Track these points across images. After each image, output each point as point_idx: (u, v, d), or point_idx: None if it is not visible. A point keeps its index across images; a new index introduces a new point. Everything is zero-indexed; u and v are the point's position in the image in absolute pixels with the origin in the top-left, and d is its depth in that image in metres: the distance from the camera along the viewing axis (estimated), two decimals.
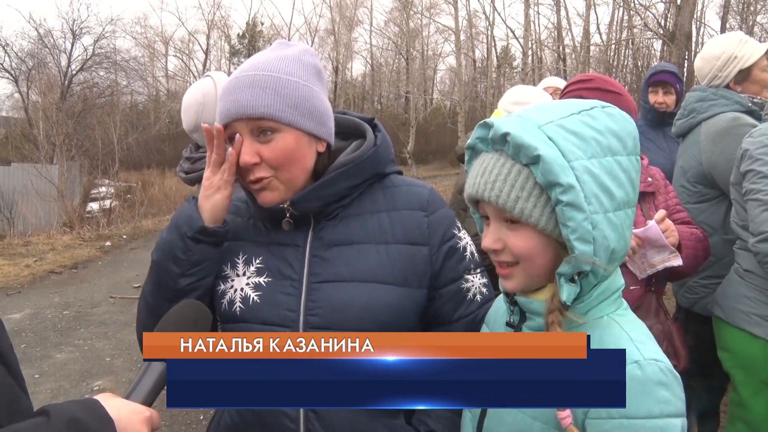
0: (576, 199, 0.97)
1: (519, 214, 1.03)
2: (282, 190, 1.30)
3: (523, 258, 1.07)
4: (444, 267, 1.36)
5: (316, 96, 1.31)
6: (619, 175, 1.03)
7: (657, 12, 17.56)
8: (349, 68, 41.13)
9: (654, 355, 1.00)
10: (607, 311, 1.08)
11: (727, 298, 2.26)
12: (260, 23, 42.15)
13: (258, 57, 1.32)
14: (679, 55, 11.05)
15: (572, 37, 25.81)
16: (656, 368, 0.98)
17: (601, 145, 1.02)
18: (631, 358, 0.98)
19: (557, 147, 1.00)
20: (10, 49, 29.05)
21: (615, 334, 1.04)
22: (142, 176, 25.36)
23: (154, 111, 38.15)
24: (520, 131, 1.01)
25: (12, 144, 24.93)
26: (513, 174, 1.03)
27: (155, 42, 41.09)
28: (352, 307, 1.27)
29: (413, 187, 1.41)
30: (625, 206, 1.04)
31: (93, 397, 0.94)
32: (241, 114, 1.24)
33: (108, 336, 6.54)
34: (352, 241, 1.33)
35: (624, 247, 1.06)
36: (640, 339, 1.03)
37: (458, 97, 20.93)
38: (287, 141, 1.26)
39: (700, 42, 24.64)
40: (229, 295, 1.34)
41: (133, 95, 36.49)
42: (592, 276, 1.03)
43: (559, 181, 0.97)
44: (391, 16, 36.61)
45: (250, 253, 1.36)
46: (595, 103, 1.08)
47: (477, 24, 29.18)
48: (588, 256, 0.99)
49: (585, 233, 0.98)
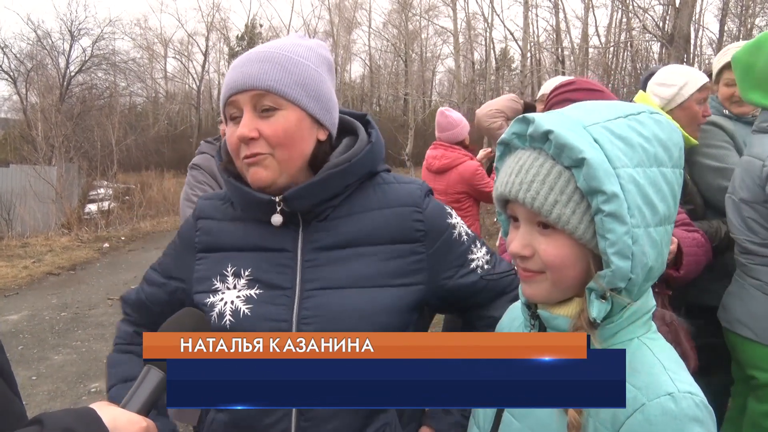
0: (619, 210, 0.90)
1: (555, 219, 0.94)
2: (275, 170, 1.25)
3: (552, 267, 0.98)
4: (447, 258, 1.35)
5: (324, 82, 1.29)
6: (663, 188, 0.95)
7: (655, 14, 17.62)
8: (348, 70, 41.14)
9: (689, 388, 0.92)
10: (637, 333, 1.00)
11: (757, 318, 2.22)
12: (259, 25, 42.12)
13: (272, 41, 1.31)
14: (677, 58, 11.06)
15: (571, 40, 25.83)
16: (691, 402, 0.90)
17: (647, 153, 0.94)
18: (665, 389, 0.90)
19: (603, 151, 0.91)
20: (9, 51, 29.07)
21: (648, 361, 0.95)
22: (141, 178, 25.34)
23: (153, 113, 38.12)
24: (565, 130, 0.93)
25: (10, 145, 24.87)
26: (553, 176, 0.94)
27: (154, 43, 41.09)
28: (349, 313, 1.24)
29: (404, 185, 1.38)
30: (665, 222, 0.96)
31: (89, 406, 0.91)
32: (246, 85, 1.21)
33: (106, 338, 6.51)
34: (345, 244, 1.29)
35: (661, 266, 0.98)
36: (673, 368, 0.95)
37: (457, 99, 20.93)
38: (289, 119, 1.23)
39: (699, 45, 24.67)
40: (218, 308, 1.29)
41: (132, 97, 36.45)
42: (626, 294, 0.95)
43: (603, 188, 0.89)
44: (389, 18, 36.64)
45: (239, 265, 1.32)
46: (642, 107, 1.00)
47: (476, 26, 29.22)
48: (625, 272, 0.92)
49: (624, 248, 0.90)
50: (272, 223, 1.29)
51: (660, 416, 0.88)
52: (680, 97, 2.62)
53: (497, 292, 1.42)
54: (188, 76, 40.57)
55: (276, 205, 1.27)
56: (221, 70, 40.99)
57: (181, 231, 1.44)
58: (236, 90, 1.23)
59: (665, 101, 2.62)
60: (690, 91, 2.61)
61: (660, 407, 0.89)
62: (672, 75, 2.70)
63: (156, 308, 1.43)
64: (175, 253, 1.43)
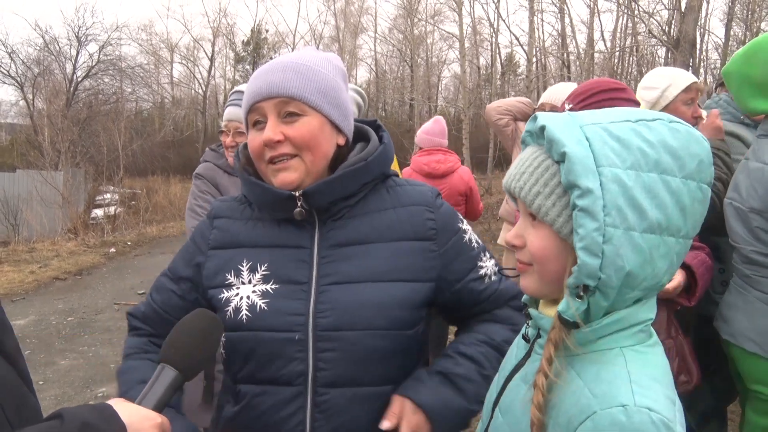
0: (591, 206, 0.89)
1: (537, 210, 0.97)
2: (302, 172, 1.30)
3: (536, 259, 1.00)
4: (456, 261, 1.39)
5: (342, 91, 1.36)
6: (661, 196, 0.92)
7: (661, 19, 17.61)
8: (354, 75, 41.25)
9: (649, 404, 0.87)
10: (622, 344, 0.96)
11: (764, 333, 2.15)
12: (265, 30, 42.30)
13: (291, 53, 1.37)
14: (683, 63, 11.04)
15: (576, 45, 25.86)
16: (646, 418, 0.85)
17: (647, 157, 0.92)
18: (619, 400, 0.87)
19: (591, 149, 0.92)
20: (16, 56, 29.27)
21: (614, 371, 0.92)
22: (147, 183, 25.47)
23: (159, 118, 38.30)
24: (557, 126, 0.96)
25: (17, 151, 25.05)
26: (541, 168, 0.98)
27: (160, 49, 41.32)
28: (365, 306, 1.28)
29: (416, 186, 1.45)
30: (661, 232, 0.92)
31: (106, 402, 0.95)
32: (271, 93, 1.28)
33: (112, 342, 6.53)
34: (360, 241, 1.34)
35: (651, 277, 0.94)
36: (642, 382, 0.90)
37: (462, 104, 20.94)
38: (312, 124, 1.29)
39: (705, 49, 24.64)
40: (234, 303, 1.32)
41: (138, 102, 36.64)
42: (600, 296, 0.92)
43: (578, 183, 0.90)
44: (395, 23, 36.75)
45: (255, 260, 1.35)
46: (662, 115, 0.97)
47: (481, 31, 29.26)
48: (591, 269, 0.90)
49: (592, 244, 0.89)
50: (294, 216, 1.33)
51: (608, 426, 0.86)
52: (665, 100, 2.60)
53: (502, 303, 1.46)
54: (194, 82, 40.80)
55: (296, 201, 1.31)
56: (227, 76, 41.17)
57: (195, 232, 1.47)
58: (261, 97, 1.29)
59: (650, 104, 2.60)
60: (674, 92, 2.59)
61: (610, 417, 0.87)
62: (655, 78, 2.68)
63: (170, 315, 1.41)
64: (186, 254, 1.46)
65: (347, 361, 1.27)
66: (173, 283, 1.43)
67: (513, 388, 1.09)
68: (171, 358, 1.06)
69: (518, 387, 1.07)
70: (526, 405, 0.99)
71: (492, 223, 13.53)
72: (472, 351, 1.37)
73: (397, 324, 1.30)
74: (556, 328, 0.96)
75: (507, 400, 1.09)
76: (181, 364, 1.06)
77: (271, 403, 1.30)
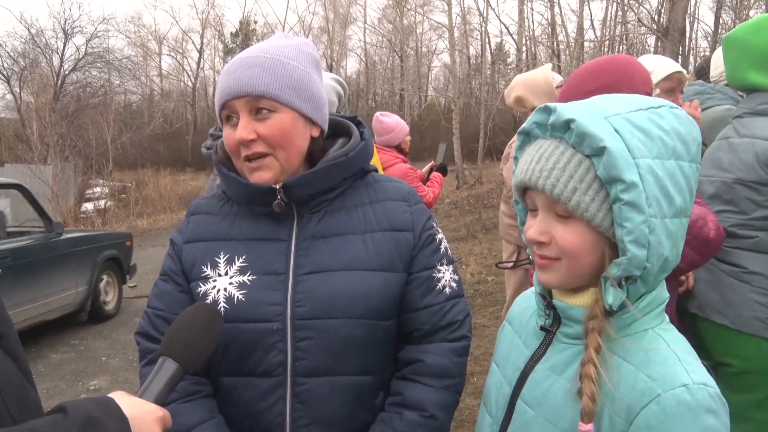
0: (637, 199, 0.91)
1: (575, 206, 0.96)
2: (277, 170, 1.30)
3: (569, 254, 1.00)
4: (420, 253, 1.38)
5: (314, 82, 1.34)
6: (680, 181, 0.96)
7: (650, 7, 17.64)
8: (344, 66, 41.15)
9: (703, 379, 0.92)
10: (652, 324, 1.01)
11: (734, 306, 2.18)
12: (254, 21, 42.19)
13: (260, 44, 1.35)
14: (672, 51, 11.07)
15: (566, 34, 25.90)
16: (706, 394, 0.91)
17: (666, 146, 0.95)
18: (680, 381, 0.91)
19: (623, 141, 0.93)
20: (2, 50, 28.98)
21: (663, 352, 0.96)
22: (137, 176, 25.37)
23: (148, 110, 38.11)
24: (586, 119, 0.95)
25: (5, 145, 24.85)
26: (573, 164, 0.96)
27: (149, 41, 41.08)
28: (341, 295, 1.28)
29: (394, 182, 1.46)
30: (681, 214, 0.97)
31: (108, 395, 0.95)
32: (240, 92, 1.26)
33: (103, 335, 6.53)
34: (337, 232, 1.34)
35: (675, 258, 0.99)
36: (688, 360, 0.96)
37: (453, 93, 20.93)
38: (284, 120, 1.28)
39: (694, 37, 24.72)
40: (212, 296, 1.31)
41: (127, 95, 36.42)
42: (641, 283, 0.97)
43: (623, 177, 0.91)
44: (384, 14, 36.65)
45: (232, 252, 1.35)
46: (662, 102, 1.01)
47: (471, 21, 29.22)
48: (641, 261, 0.93)
49: (641, 236, 0.92)
50: (273, 208, 1.32)
51: (675, 407, 0.89)
52: None
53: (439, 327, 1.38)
54: (183, 74, 40.62)
55: (276, 194, 1.31)
56: (216, 67, 41.00)
57: (173, 231, 1.47)
58: (231, 96, 1.27)
59: None
60: (655, 80, 2.58)
61: (675, 398, 0.89)
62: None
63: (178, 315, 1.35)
64: (170, 253, 1.44)
65: (324, 350, 1.28)
66: (170, 283, 1.41)
67: (540, 380, 1.07)
68: (171, 351, 1.06)
69: (548, 378, 1.06)
70: (569, 396, 0.99)
71: (482, 212, 13.59)
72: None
73: (373, 313, 1.30)
74: (598, 317, 0.98)
75: (536, 393, 1.07)
76: (181, 357, 1.06)
77: (251, 394, 1.30)
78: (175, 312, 1.34)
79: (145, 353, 1.37)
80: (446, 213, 14.65)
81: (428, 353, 1.36)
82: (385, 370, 1.38)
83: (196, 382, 1.34)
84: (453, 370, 1.36)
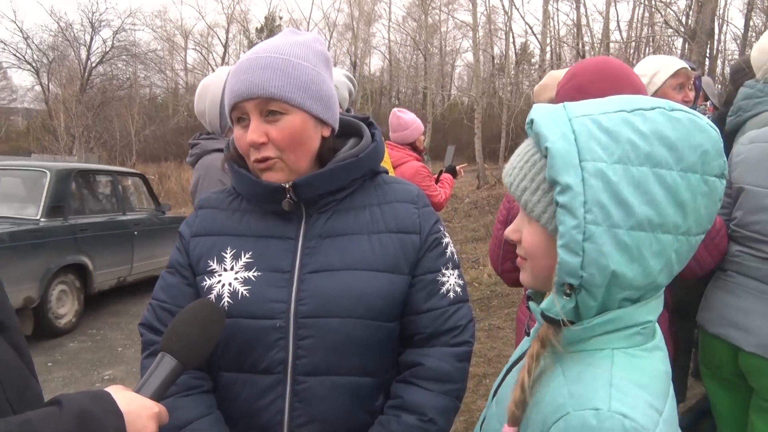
0: (570, 203, 0.86)
1: (524, 205, 0.95)
2: (287, 172, 1.30)
3: (530, 255, 0.98)
4: (425, 256, 1.37)
5: (324, 81, 1.33)
6: (653, 191, 0.86)
7: (678, 9, 17.37)
8: (368, 63, 41.17)
9: (625, 411, 0.82)
10: (615, 345, 0.92)
11: None
12: (279, 17, 42.33)
13: (269, 41, 1.34)
14: (700, 53, 10.89)
15: (591, 35, 25.60)
16: (618, 424, 0.80)
17: (637, 150, 0.87)
18: (594, 403, 0.83)
19: (576, 142, 0.88)
20: (32, 42, 29.44)
21: (597, 374, 0.88)
22: (160, 169, 25.55)
23: (173, 104, 38.45)
24: (544, 119, 0.92)
25: (32, 135, 25.26)
26: (530, 163, 0.95)
27: (174, 35, 41.46)
28: (344, 294, 1.28)
29: (403, 184, 1.45)
30: (653, 228, 0.87)
31: (104, 389, 0.95)
32: (252, 94, 1.25)
33: (120, 326, 6.61)
34: (343, 232, 1.33)
35: (643, 276, 0.89)
36: (623, 387, 0.86)
37: (476, 93, 20.82)
38: (294, 122, 1.27)
39: (722, 40, 24.32)
40: (216, 290, 1.31)
41: (152, 88, 36.79)
42: (586, 295, 0.89)
43: (558, 179, 0.87)
44: (409, 12, 36.59)
45: (239, 248, 1.34)
46: (663, 103, 0.91)
47: (495, 20, 29.08)
48: (572, 267, 0.87)
49: (572, 242, 0.86)
50: (282, 206, 1.32)
51: (578, 429, 0.82)
52: (653, 86, 2.55)
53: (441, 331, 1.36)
54: (208, 68, 40.86)
55: (285, 192, 1.31)
56: None
57: (182, 225, 1.47)
58: (242, 98, 1.27)
59: None
60: (662, 78, 2.54)
61: (581, 420, 0.83)
62: (644, 65, 2.63)
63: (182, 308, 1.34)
64: (179, 245, 1.45)
65: (326, 349, 1.27)
66: (176, 275, 1.41)
67: (509, 380, 1.08)
68: (171, 347, 1.06)
69: (513, 377, 1.06)
70: None
71: None
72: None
73: (376, 314, 1.29)
74: (543, 324, 0.95)
75: (504, 391, 1.09)
76: (181, 353, 1.06)
77: (250, 391, 1.30)
78: (179, 305, 1.34)
79: (147, 345, 1.38)
80: (466, 213, 14.59)
81: (429, 357, 1.35)
82: (386, 372, 1.37)
83: (197, 376, 1.34)
84: (454, 375, 1.34)
